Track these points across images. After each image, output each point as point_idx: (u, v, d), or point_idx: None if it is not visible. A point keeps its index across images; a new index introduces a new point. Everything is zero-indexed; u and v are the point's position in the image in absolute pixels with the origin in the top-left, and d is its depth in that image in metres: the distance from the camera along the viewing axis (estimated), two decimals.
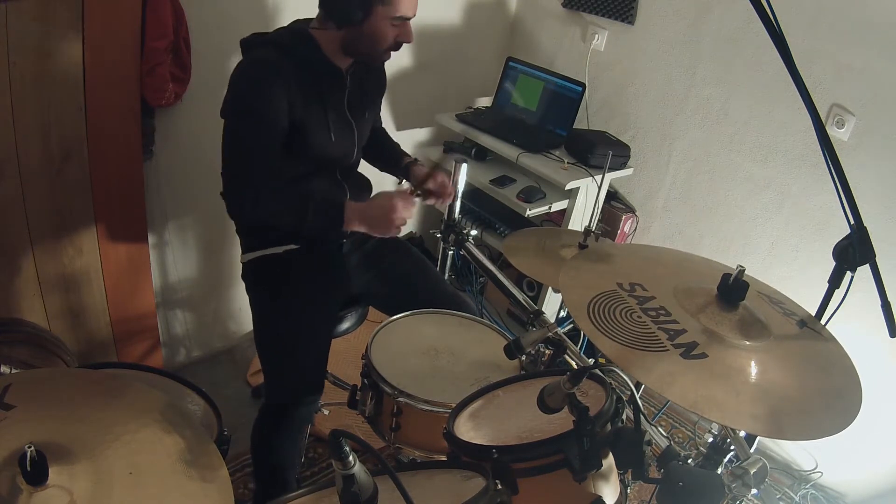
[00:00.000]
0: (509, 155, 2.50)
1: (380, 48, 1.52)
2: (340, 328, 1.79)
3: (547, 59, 2.87)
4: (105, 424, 0.93)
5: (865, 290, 1.08)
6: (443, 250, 2.00)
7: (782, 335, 1.08)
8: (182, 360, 2.50)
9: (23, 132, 1.67)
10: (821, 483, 2.36)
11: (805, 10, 2.07)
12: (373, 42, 1.50)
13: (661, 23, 2.49)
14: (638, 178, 2.70)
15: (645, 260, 1.33)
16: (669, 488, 0.97)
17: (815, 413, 0.95)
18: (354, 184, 1.73)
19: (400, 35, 1.51)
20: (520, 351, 1.37)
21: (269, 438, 1.66)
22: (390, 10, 1.45)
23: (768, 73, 2.21)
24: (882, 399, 2.07)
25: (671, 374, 0.95)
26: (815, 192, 2.20)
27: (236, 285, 2.48)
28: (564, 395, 0.95)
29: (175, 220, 2.23)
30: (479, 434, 1.10)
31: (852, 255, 1.09)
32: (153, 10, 1.76)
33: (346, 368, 2.39)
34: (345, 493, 0.73)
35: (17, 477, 0.79)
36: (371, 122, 1.77)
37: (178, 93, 1.94)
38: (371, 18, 1.45)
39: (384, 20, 1.46)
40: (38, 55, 1.63)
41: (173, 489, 0.88)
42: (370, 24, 1.46)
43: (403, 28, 1.50)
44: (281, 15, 2.16)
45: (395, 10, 1.45)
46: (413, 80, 2.70)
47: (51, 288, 1.90)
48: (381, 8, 1.44)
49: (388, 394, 1.35)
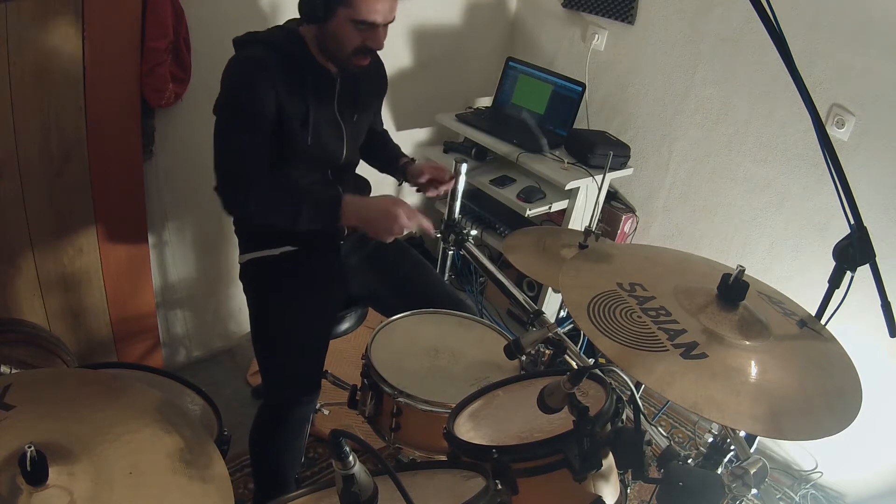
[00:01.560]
0: (509, 155, 2.50)
1: (344, 51, 1.47)
2: (340, 328, 1.79)
3: (547, 59, 2.87)
4: (105, 424, 0.93)
5: (865, 290, 1.08)
6: (443, 250, 2.00)
7: (782, 335, 1.08)
8: (182, 360, 2.50)
9: (23, 132, 1.67)
10: (821, 483, 2.36)
11: (805, 10, 2.07)
12: (337, 44, 1.46)
13: (661, 23, 2.49)
14: (638, 178, 2.70)
15: (645, 260, 1.32)
16: (669, 488, 0.97)
17: (815, 413, 0.95)
18: (350, 185, 1.72)
19: (367, 40, 1.45)
20: (520, 351, 1.37)
21: (266, 438, 1.66)
22: (352, 12, 1.40)
23: (768, 73, 2.21)
24: (882, 399, 2.07)
25: (671, 374, 0.94)
26: (815, 192, 2.20)
27: (236, 285, 2.47)
28: (564, 395, 0.95)
29: (175, 220, 2.23)
30: (479, 434, 1.10)
31: (852, 255, 1.08)
32: (153, 10, 1.76)
33: (346, 368, 2.39)
34: (345, 493, 0.73)
35: (17, 477, 0.79)
36: (366, 124, 1.76)
37: (178, 93, 1.94)
38: (334, 19, 1.42)
39: (347, 22, 1.41)
40: (38, 55, 1.63)
41: (173, 489, 0.88)
42: (333, 25, 1.43)
43: (372, 33, 1.45)
44: (280, 15, 2.16)
45: (357, 13, 1.40)
46: (413, 80, 2.70)
47: (51, 288, 1.90)
48: (342, 10, 1.40)
49: (388, 394, 1.35)
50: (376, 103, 1.82)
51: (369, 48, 1.48)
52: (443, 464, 1.07)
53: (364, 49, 1.47)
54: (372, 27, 1.44)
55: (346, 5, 1.39)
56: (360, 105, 1.67)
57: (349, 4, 1.39)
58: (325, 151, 1.61)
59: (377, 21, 1.43)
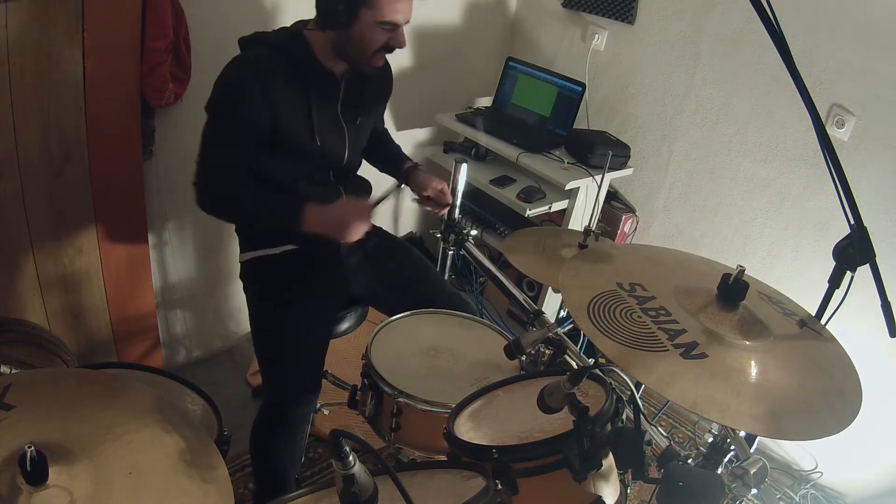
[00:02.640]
0: (509, 155, 2.50)
1: (367, 53, 1.48)
2: (340, 328, 1.79)
3: (547, 59, 2.87)
4: (105, 424, 0.93)
5: (865, 290, 1.08)
6: (443, 250, 2.00)
7: (782, 335, 1.08)
8: (182, 360, 2.50)
9: (23, 132, 1.67)
10: (821, 483, 2.36)
11: (805, 10, 2.07)
12: (360, 46, 1.47)
13: (661, 23, 2.49)
14: (638, 178, 2.70)
15: (645, 260, 1.32)
16: (669, 488, 0.97)
17: (816, 413, 0.95)
18: (352, 186, 1.72)
19: (391, 40, 1.48)
20: (520, 351, 1.37)
21: (267, 438, 1.66)
22: (377, 14, 1.41)
23: (768, 73, 2.21)
24: (882, 399, 2.07)
25: (671, 374, 0.94)
26: (815, 192, 2.20)
27: (236, 285, 2.46)
28: (564, 395, 0.95)
29: (175, 219, 2.23)
30: (479, 434, 1.10)
31: (852, 255, 1.08)
32: (153, 10, 1.76)
33: (346, 368, 2.39)
34: (345, 493, 0.73)
35: (17, 477, 0.79)
36: (368, 127, 1.76)
37: (178, 93, 1.94)
38: (358, 23, 1.43)
39: (371, 25, 1.43)
40: (38, 55, 1.63)
41: (173, 489, 0.88)
42: (357, 29, 1.44)
43: (394, 33, 1.47)
44: (280, 15, 2.16)
45: (381, 14, 1.41)
46: (413, 80, 2.70)
47: (51, 288, 1.90)
48: (367, 12, 1.41)
49: (388, 394, 1.35)
50: (380, 106, 1.82)
51: (392, 48, 1.50)
52: (443, 464, 1.07)
53: (386, 48, 1.50)
54: (395, 27, 1.46)
55: (369, 7, 1.41)
56: (364, 108, 1.67)
57: (372, 6, 1.41)
58: (327, 153, 1.61)
59: (399, 21, 1.45)
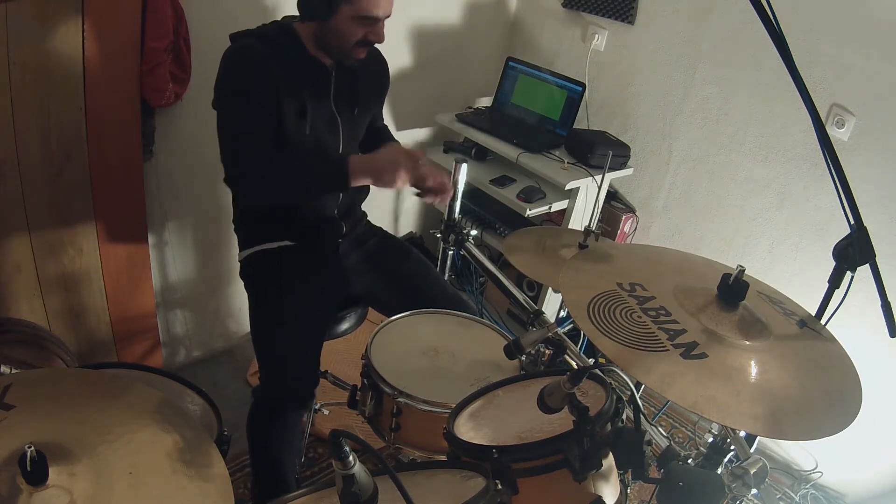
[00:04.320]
0: (509, 155, 2.50)
1: (346, 46, 1.50)
2: (340, 328, 1.79)
3: (547, 59, 2.87)
4: (105, 424, 0.93)
5: (865, 290, 1.08)
6: (443, 250, 2.00)
7: (782, 335, 1.08)
8: (182, 360, 2.50)
9: (23, 132, 1.67)
10: (821, 483, 2.36)
11: (805, 10, 2.07)
12: (339, 40, 1.49)
13: (661, 23, 2.49)
14: (638, 178, 2.70)
15: (645, 260, 1.32)
16: (669, 488, 0.97)
17: (815, 413, 0.95)
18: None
19: (370, 34, 1.49)
20: (520, 351, 1.37)
21: (263, 433, 1.65)
22: (355, 8, 1.43)
23: (768, 73, 2.21)
24: (882, 399, 2.07)
25: (671, 374, 0.94)
26: (815, 192, 2.20)
27: (236, 285, 2.47)
28: (564, 395, 0.95)
29: (175, 220, 2.23)
30: (479, 434, 1.10)
31: (852, 255, 1.08)
32: (153, 10, 1.76)
33: (346, 368, 2.39)
34: (345, 493, 0.73)
35: (17, 477, 0.79)
36: (365, 120, 1.76)
37: (178, 93, 1.94)
38: (336, 15, 1.44)
39: (349, 18, 1.45)
40: (38, 55, 1.62)
41: (173, 489, 0.88)
42: (336, 21, 1.45)
43: (373, 28, 1.48)
44: (280, 14, 2.13)
45: (360, 8, 1.43)
46: (413, 80, 2.70)
47: (51, 288, 1.90)
48: (345, 6, 1.43)
49: (388, 394, 1.35)
50: (377, 100, 1.82)
51: (371, 42, 1.51)
52: (443, 464, 1.07)
53: (365, 42, 1.51)
54: (374, 21, 1.47)
55: (348, 2, 1.42)
56: (359, 100, 1.67)
57: (351, 1, 1.42)
58: (320, 145, 1.61)
59: (378, 15, 1.47)
